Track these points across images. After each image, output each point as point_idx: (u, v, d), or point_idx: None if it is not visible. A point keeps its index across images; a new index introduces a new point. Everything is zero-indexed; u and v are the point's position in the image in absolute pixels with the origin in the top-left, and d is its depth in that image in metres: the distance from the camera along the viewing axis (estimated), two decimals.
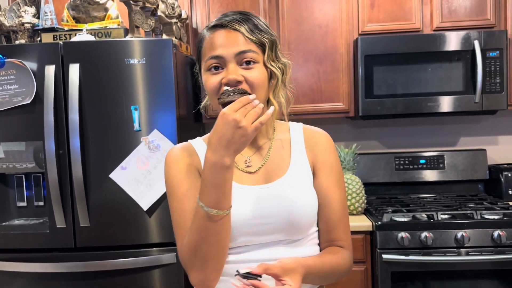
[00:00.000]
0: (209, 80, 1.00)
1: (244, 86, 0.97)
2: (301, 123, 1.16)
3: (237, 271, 0.89)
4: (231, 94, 0.93)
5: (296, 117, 2.70)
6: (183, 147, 1.10)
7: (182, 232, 1.01)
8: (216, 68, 0.99)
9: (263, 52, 1.00)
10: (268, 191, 1.03)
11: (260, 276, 0.88)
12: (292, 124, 1.16)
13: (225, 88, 0.96)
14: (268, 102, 1.06)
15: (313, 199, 1.06)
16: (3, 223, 2.00)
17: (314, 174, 1.09)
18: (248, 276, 0.87)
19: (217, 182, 0.90)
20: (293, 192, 1.03)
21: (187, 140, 1.14)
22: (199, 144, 1.11)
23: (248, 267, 0.89)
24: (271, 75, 1.03)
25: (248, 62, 0.99)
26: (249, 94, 0.94)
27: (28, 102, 1.90)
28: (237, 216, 0.98)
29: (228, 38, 0.98)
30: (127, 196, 1.91)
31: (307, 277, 0.95)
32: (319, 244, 1.10)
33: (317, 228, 1.09)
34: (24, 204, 2.03)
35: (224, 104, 0.93)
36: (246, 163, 1.08)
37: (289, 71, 1.07)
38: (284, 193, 1.03)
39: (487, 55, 2.29)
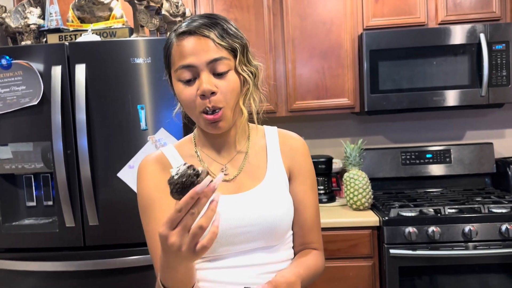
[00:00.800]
0: (184, 93, 0.97)
1: (217, 96, 0.94)
2: (275, 127, 1.15)
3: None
4: (179, 190, 0.74)
5: (301, 113, 2.70)
6: (155, 159, 1.06)
7: (156, 259, 0.98)
8: (189, 80, 0.96)
9: (235, 57, 0.97)
10: (246, 199, 1.01)
11: None
12: (267, 129, 1.14)
13: (172, 173, 0.76)
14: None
15: (290, 205, 1.06)
16: (13, 223, 2.02)
17: (290, 180, 1.09)
18: None
19: (178, 276, 0.83)
20: (271, 199, 1.02)
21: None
22: (171, 154, 1.08)
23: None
24: (244, 80, 1.00)
25: (220, 73, 0.95)
26: (197, 173, 0.75)
27: (36, 103, 1.92)
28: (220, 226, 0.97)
29: (198, 45, 0.94)
30: (135, 195, 1.90)
31: (301, 285, 0.97)
32: (293, 247, 1.10)
33: (291, 232, 1.10)
34: (34, 204, 2.05)
35: (174, 187, 0.75)
36: (222, 170, 1.05)
37: (261, 74, 1.04)
38: (262, 200, 1.01)
39: (493, 48, 2.28)
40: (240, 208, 1.00)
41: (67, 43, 1.93)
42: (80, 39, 2.01)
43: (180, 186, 0.74)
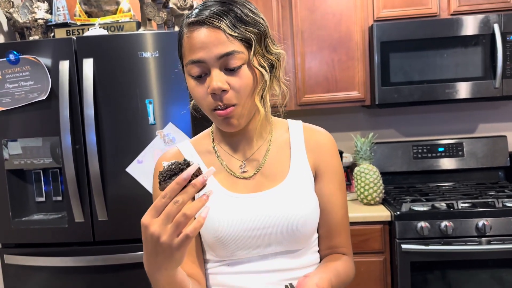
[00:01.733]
0: (195, 90, 0.90)
1: (229, 94, 0.87)
2: (300, 121, 1.07)
3: (290, 284, 0.85)
4: (167, 178, 0.71)
5: (311, 107, 2.67)
6: (172, 156, 1.02)
7: None
8: (199, 76, 0.88)
9: (250, 47, 0.88)
10: (266, 199, 0.94)
11: None
12: (291, 123, 1.06)
13: (164, 164, 0.73)
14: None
15: (315, 206, 0.98)
16: (23, 218, 2.02)
17: (315, 178, 1.01)
18: None
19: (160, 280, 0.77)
20: (293, 199, 0.94)
21: (200, 132, 1.09)
22: (188, 150, 1.03)
23: None
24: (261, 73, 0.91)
25: (232, 69, 0.87)
26: (187, 163, 0.71)
27: (44, 98, 1.91)
28: (233, 228, 0.91)
29: (208, 38, 0.85)
30: (143, 190, 1.92)
31: None
32: (318, 251, 1.04)
33: (317, 235, 1.03)
34: (43, 199, 2.05)
35: (162, 176, 0.72)
36: (241, 168, 0.98)
37: (282, 64, 0.94)
38: (284, 200, 0.93)
39: (508, 38, 2.23)
40: (259, 208, 0.93)
41: (74, 38, 1.92)
42: (87, 33, 2.00)
43: (169, 173, 0.70)
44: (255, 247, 0.93)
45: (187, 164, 0.71)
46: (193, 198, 0.71)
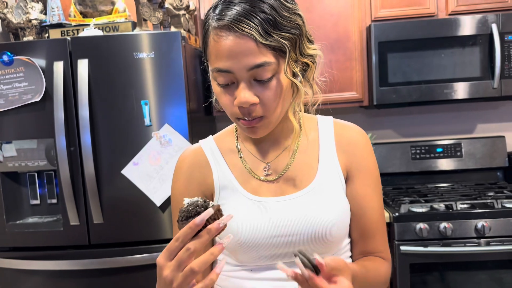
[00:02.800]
0: (220, 96, 0.84)
1: (258, 107, 0.81)
2: (331, 117, 1.00)
3: (299, 252, 0.72)
4: (184, 218, 0.70)
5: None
6: (192, 155, 0.97)
7: None
8: (226, 84, 0.82)
9: (283, 54, 0.79)
10: (290, 204, 0.88)
11: (318, 270, 0.71)
12: (321, 119, 0.98)
13: (184, 201, 0.72)
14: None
15: (345, 212, 0.91)
16: (17, 221, 2.00)
17: (347, 180, 0.93)
18: (306, 262, 0.71)
19: None
20: (321, 203, 0.88)
21: (197, 133, 1.07)
22: (210, 147, 0.98)
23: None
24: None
25: (263, 80, 0.80)
26: (206, 205, 0.70)
27: (38, 99, 1.89)
28: (254, 235, 0.86)
29: (237, 47, 0.77)
30: (139, 192, 1.89)
31: (353, 282, 0.80)
32: (351, 257, 0.97)
33: (349, 240, 0.96)
34: (37, 202, 2.03)
35: (180, 215, 0.72)
36: (265, 170, 0.93)
37: (318, 65, 0.86)
38: (309, 206, 0.87)
39: (506, 38, 2.21)
40: (282, 214, 0.87)
41: (69, 38, 1.90)
42: (82, 34, 1.98)
43: (185, 214, 0.69)
44: (279, 255, 0.87)
45: (205, 206, 0.69)
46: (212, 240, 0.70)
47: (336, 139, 0.95)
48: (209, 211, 0.68)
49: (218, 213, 0.70)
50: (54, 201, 2.01)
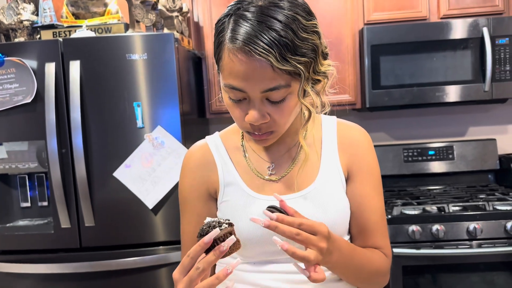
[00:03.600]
0: (231, 109, 0.85)
1: (268, 123, 0.83)
2: (334, 117, 1.00)
3: (268, 207, 0.79)
4: (199, 236, 0.75)
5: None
6: (198, 152, 0.99)
7: (183, 249, 1.01)
8: (238, 99, 0.83)
9: (297, 75, 0.79)
10: (294, 203, 0.89)
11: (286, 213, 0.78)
12: (325, 119, 0.99)
13: (206, 220, 0.76)
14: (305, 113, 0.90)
15: (345, 210, 0.93)
16: (7, 224, 1.98)
17: (348, 179, 0.95)
18: (273, 210, 0.77)
19: None
20: (322, 203, 0.90)
21: (190, 136, 1.08)
22: (215, 144, 1.00)
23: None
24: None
25: (275, 101, 0.81)
26: (219, 225, 0.74)
27: (29, 101, 1.87)
28: (257, 232, 0.88)
29: (253, 71, 0.76)
30: (132, 195, 1.88)
31: (333, 253, 0.81)
32: None
33: (348, 237, 0.97)
34: (28, 204, 2.01)
35: (198, 232, 0.77)
36: (268, 169, 0.95)
37: (330, 81, 0.86)
38: (312, 205, 0.90)
39: (496, 42, 2.23)
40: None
41: (61, 40, 1.88)
42: (74, 35, 1.96)
43: (200, 232, 0.75)
44: (280, 251, 0.87)
45: (219, 226, 0.74)
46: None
47: (338, 139, 0.97)
48: (215, 231, 0.72)
49: (228, 235, 0.74)
50: (45, 203, 1.99)
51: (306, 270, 0.77)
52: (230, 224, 0.75)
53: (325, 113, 0.93)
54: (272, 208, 0.78)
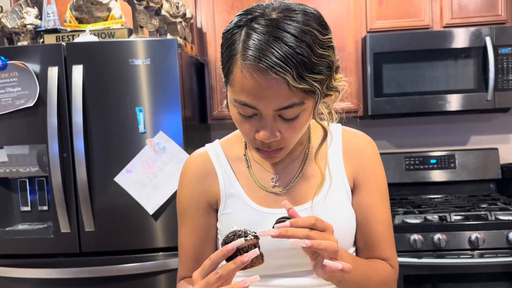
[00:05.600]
0: (239, 124, 0.82)
1: (279, 141, 0.80)
2: (339, 125, 0.97)
3: (276, 222, 0.77)
4: (223, 243, 0.75)
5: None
6: (198, 160, 0.96)
7: (181, 260, 0.99)
8: (249, 115, 0.79)
9: (312, 93, 0.76)
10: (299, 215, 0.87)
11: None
12: (330, 127, 0.94)
13: (232, 228, 0.76)
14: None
15: (351, 221, 0.91)
16: (7, 228, 1.97)
17: (354, 189, 0.93)
18: (283, 219, 0.77)
19: None
20: (327, 215, 0.87)
21: (192, 141, 1.06)
22: (215, 153, 0.97)
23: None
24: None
25: (288, 119, 0.79)
26: (245, 235, 0.74)
27: (31, 104, 1.87)
28: (262, 246, 0.82)
29: (268, 89, 0.73)
30: (132, 200, 1.87)
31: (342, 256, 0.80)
32: None
33: (354, 249, 0.95)
34: (28, 208, 2.00)
35: (223, 239, 0.77)
36: (272, 181, 0.92)
37: (341, 95, 0.84)
38: (319, 217, 0.85)
39: (499, 51, 2.24)
40: None
41: (64, 44, 1.89)
42: (77, 39, 1.97)
43: (225, 240, 0.74)
44: (283, 266, 0.88)
45: (244, 236, 0.73)
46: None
47: (343, 148, 0.94)
48: (240, 241, 0.72)
49: (252, 247, 0.73)
50: (45, 208, 1.99)
51: (336, 262, 0.74)
52: (256, 237, 0.74)
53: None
54: (281, 219, 0.77)
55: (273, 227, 0.75)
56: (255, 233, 0.74)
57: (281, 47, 0.71)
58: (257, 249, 0.72)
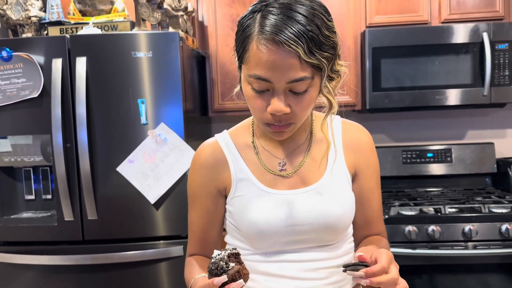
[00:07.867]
0: (252, 100, 0.89)
1: (289, 115, 0.88)
2: (338, 117, 1.06)
3: (344, 266, 0.86)
4: (208, 267, 0.83)
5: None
6: (209, 149, 1.03)
7: (190, 239, 1.08)
8: (261, 90, 0.87)
9: (319, 70, 0.85)
10: (304, 197, 0.97)
11: (366, 264, 0.85)
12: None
13: (214, 253, 0.84)
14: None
15: (351, 204, 1.00)
16: (12, 216, 2.01)
17: (355, 176, 1.03)
18: (355, 268, 0.84)
19: None
20: (330, 198, 0.97)
21: (192, 133, 1.12)
22: (225, 142, 1.04)
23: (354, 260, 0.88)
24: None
25: (298, 92, 0.86)
26: (226, 269, 0.81)
27: (36, 95, 1.91)
28: (272, 224, 0.94)
29: (281, 61, 0.81)
30: (134, 189, 1.92)
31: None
32: (354, 241, 1.07)
33: (352, 227, 1.06)
34: (32, 197, 2.05)
35: (208, 266, 0.85)
36: (279, 165, 1.00)
37: (342, 80, 0.92)
38: (321, 199, 0.96)
39: (496, 47, 2.26)
40: (296, 205, 0.95)
41: (68, 36, 1.92)
42: (81, 32, 2.00)
43: (209, 269, 0.82)
44: (292, 242, 0.96)
45: (225, 270, 0.81)
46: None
47: (343, 138, 1.03)
48: (223, 278, 0.80)
49: (236, 275, 0.81)
50: (49, 196, 2.03)
51: None
52: (236, 255, 0.83)
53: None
54: (351, 267, 0.85)
55: (344, 270, 0.85)
56: (235, 250, 0.83)
57: (294, 25, 0.81)
58: (241, 281, 0.81)
